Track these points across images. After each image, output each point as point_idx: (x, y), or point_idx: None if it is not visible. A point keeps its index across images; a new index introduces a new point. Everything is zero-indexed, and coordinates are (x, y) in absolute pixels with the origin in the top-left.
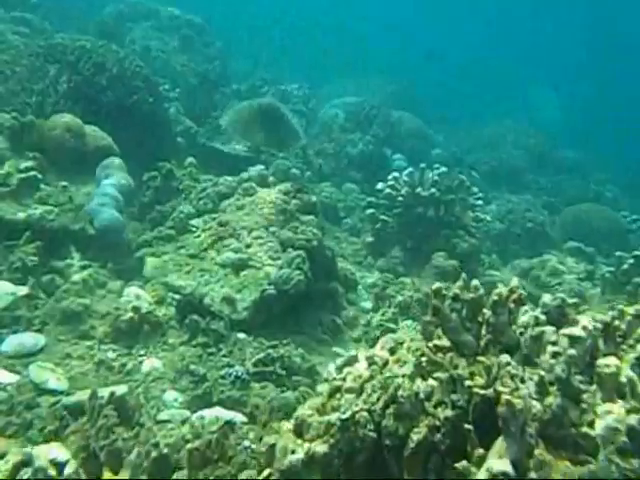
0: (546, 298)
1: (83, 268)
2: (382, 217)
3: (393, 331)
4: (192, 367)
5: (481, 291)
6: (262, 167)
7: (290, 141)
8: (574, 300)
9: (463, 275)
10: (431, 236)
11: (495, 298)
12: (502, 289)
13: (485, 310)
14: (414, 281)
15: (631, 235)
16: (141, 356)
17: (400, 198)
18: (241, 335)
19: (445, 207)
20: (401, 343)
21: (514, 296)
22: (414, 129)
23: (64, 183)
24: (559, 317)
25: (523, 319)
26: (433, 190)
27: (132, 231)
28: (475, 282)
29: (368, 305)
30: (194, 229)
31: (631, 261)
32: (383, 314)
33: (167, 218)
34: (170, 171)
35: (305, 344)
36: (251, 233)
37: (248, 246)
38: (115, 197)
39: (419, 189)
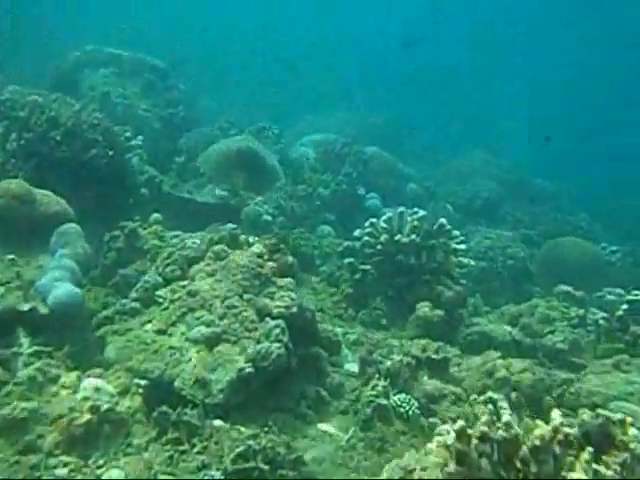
0: (585, 415)
1: (32, 356)
2: (361, 267)
3: (386, 409)
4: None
5: (514, 429)
6: (233, 226)
7: (269, 182)
8: (619, 416)
9: (489, 407)
10: (414, 285)
11: (537, 442)
12: (543, 430)
13: (524, 451)
14: (402, 342)
15: (610, 268)
16: (100, 467)
17: (379, 246)
18: (217, 422)
19: (427, 253)
20: (410, 472)
21: (559, 437)
22: (386, 165)
23: (11, 256)
24: (602, 438)
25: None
26: (413, 236)
27: (92, 299)
28: (506, 417)
29: (353, 367)
30: (161, 300)
31: (625, 307)
32: (373, 387)
33: (131, 284)
34: (133, 231)
35: (289, 424)
36: (224, 302)
37: (221, 317)
38: (71, 269)
39: (398, 236)
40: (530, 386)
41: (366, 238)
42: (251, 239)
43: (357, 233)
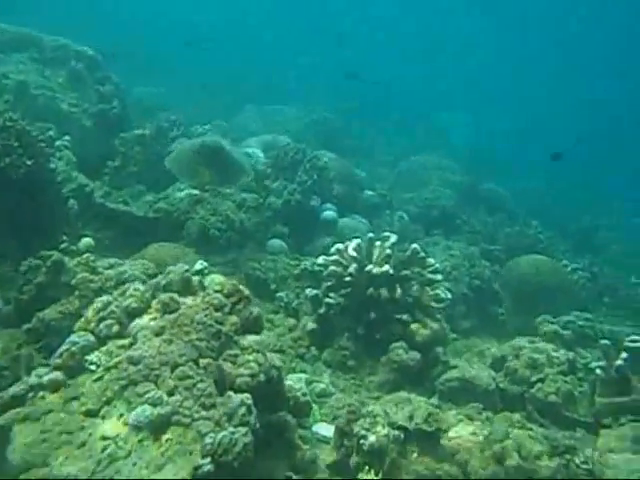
0: None
1: None
2: (327, 300)
3: None
4: None
5: None
6: (184, 268)
7: (236, 177)
8: None
9: None
10: (386, 321)
11: None
12: None
13: None
14: (386, 410)
15: (574, 287)
16: None
17: (347, 277)
18: None
19: (401, 286)
20: None
21: None
22: (342, 173)
23: None
24: None
25: None
26: (386, 267)
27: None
28: None
29: (324, 430)
30: (93, 367)
31: (624, 355)
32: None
33: (52, 330)
34: (58, 262)
35: None
36: (175, 371)
37: (171, 392)
38: None
39: (370, 266)
40: (550, 477)
41: (332, 268)
42: (206, 282)
43: (321, 260)
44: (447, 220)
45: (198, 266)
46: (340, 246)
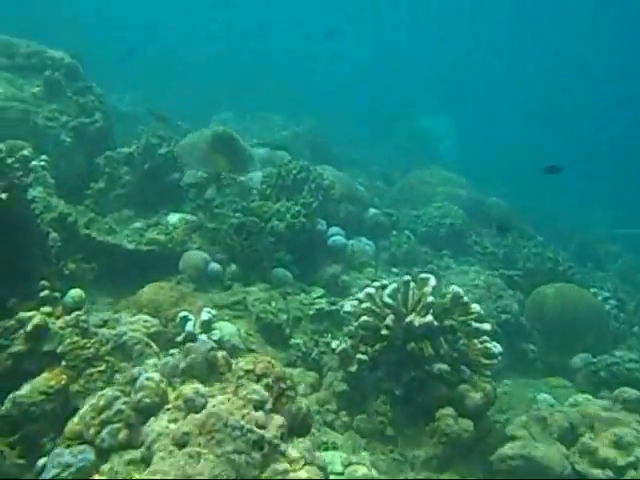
0: None
1: None
2: (359, 356)
3: None
4: None
5: None
6: (208, 345)
7: (247, 166)
8: None
9: None
10: (428, 382)
11: None
12: None
13: None
14: None
15: (608, 319)
16: None
17: (384, 330)
18: None
19: (445, 339)
20: None
21: None
22: (346, 191)
23: None
24: None
25: None
26: (429, 317)
27: None
28: None
29: None
30: None
31: None
32: None
33: (30, 418)
34: (40, 327)
35: None
36: None
37: None
38: None
39: (410, 317)
40: None
41: (365, 318)
42: (233, 362)
43: (348, 307)
44: (457, 240)
45: (205, 316)
46: (371, 291)
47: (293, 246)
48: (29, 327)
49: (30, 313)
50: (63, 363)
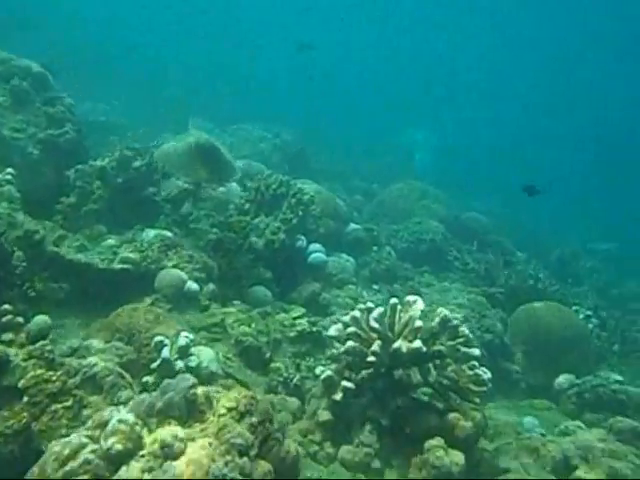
0: None
1: None
2: (344, 383)
3: None
4: None
5: None
6: (189, 382)
7: (228, 174)
8: None
9: None
10: (417, 411)
11: None
12: None
13: None
14: None
15: (590, 337)
16: None
17: (371, 357)
18: None
19: (434, 366)
20: None
21: None
22: (326, 206)
23: None
24: None
25: None
26: (418, 343)
27: None
28: None
29: None
30: None
31: None
32: None
33: None
34: (1, 360)
35: None
36: None
37: None
38: None
39: (398, 343)
40: None
41: (350, 343)
42: (214, 398)
43: (333, 332)
44: (437, 255)
45: (182, 341)
46: (357, 314)
47: (272, 263)
48: None
49: None
50: (25, 399)
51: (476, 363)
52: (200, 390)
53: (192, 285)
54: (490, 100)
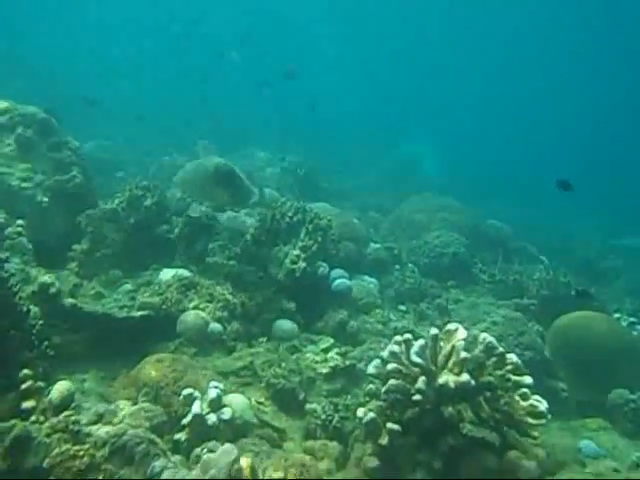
0: None
1: None
2: (389, 425)
3: None
4: None
5: None
6: (227, 449)
7: (248, 197)
8: None
9: None
10: (471, 450)
11: None
12: None
13: None
14: None
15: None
16: None
17: (416, 395)
18: None
19: (486, 400)
20: None
21: None
22: (344, 228)
23: None
24: None
25: None
26: (466, 377)
27: None
28: None
29: None
30: None
31: None
32: None
33: None
34: (22, 439)
35: None
36: None
37: None
38: None
39: (443, 378)
40: None
41: (393, 382)
42: (260, 468)
43: (372, 369)
44: (461, 269)
45: (212, 393)
46: (396, 349)
47: (295, 294)
48: (9, 439)
49: (9, 423)
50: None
51: (528, 392)
52: (244, 462)
53: (215, 326)
54: (489, 103)
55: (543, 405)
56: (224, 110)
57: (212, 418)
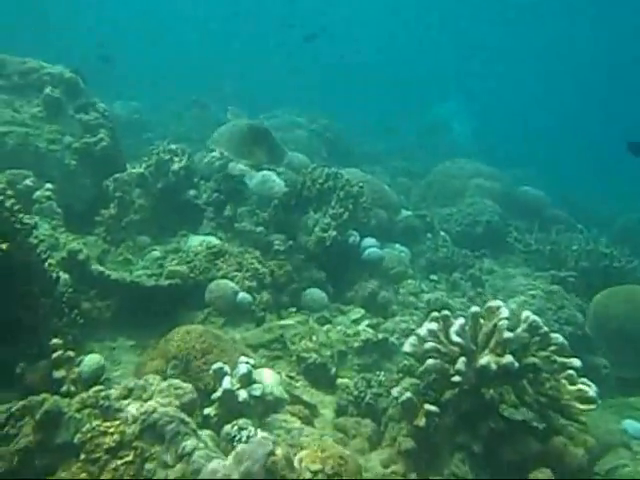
0: None
1: None
2: (427, 407)
3: None
4: None
5: None
6: (262, 441)
7: (281, 156)
8: None
9: None
10: (512, 434)
11: None
12: None
13: None
14: None
15: None
16: None
17: (455, 377)
18: None
19: (529, 382)
20: None
21: None
22: (375, 195)
23: None
24: None
25: None
26: (509, 358)
27: None
28: None
29: None
30: None
31: None
32: None
33: None
34: (53, 414)
35: None
36: None
37: None
38: None
39: (484, 359)
40: None
41: (430, 362)
42: (294, 458)
43: (409, 348)
44: (495, 238)
45: (243, 369)
46: (434, 326)
47: (325, 262)
48: (39, 414)
49: (40, 397)
50: (82, 456)
51: (575, 375)
52: (280, 453)
53: (244, 296)
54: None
55: (592, 389)
56: (253, 71)
57: (243, 394)
